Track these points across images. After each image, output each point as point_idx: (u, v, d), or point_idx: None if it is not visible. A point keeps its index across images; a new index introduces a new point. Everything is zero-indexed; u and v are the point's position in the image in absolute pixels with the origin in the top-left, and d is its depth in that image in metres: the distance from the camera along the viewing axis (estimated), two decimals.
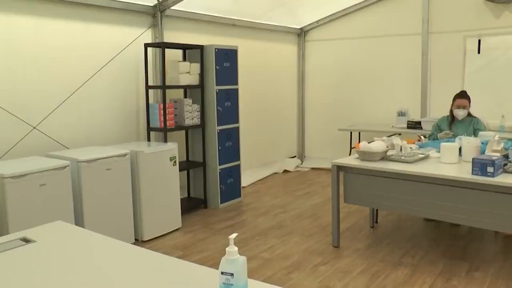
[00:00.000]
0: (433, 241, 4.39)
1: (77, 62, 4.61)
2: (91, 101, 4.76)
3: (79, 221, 3.91)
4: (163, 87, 4.99)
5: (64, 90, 4.52)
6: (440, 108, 5.01)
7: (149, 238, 4.48)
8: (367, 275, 3.64)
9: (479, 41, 6.34)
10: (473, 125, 4.75)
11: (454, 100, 4.83)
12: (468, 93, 4.86)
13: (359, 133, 6.82)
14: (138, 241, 4.42)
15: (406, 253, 4.08)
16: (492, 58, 6.30)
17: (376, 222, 4.91)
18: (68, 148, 4.50)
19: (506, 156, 3.76)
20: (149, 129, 5.16)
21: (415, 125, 6.32)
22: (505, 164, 3.58)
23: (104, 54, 4.85)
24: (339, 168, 4.10)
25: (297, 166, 7.93)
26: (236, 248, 1.38)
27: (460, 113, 4.75)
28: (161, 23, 5.34)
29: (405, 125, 6.45)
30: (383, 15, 7.06)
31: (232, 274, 1.36)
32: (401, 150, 4.23)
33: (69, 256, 1.86)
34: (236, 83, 5.72)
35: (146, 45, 5.10)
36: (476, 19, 6.32)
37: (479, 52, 6.36)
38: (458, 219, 3.61)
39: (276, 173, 7.50)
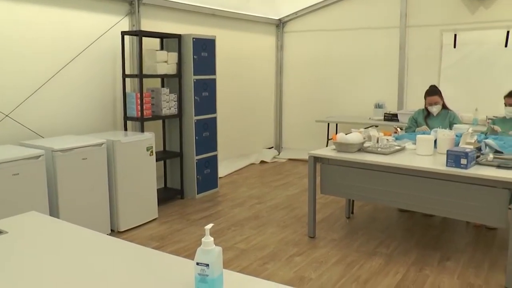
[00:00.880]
0: (407, 231, 4.46)
1: (52, 49, 4.52)
2: (66, 89, 4.68)
3: (53, 212, 3.85)
4: (140, 76, 4.93)
5: (39, 77, 4.42)
6: (416, 101, 5.08)
7: (125, 229, 4.45)
8: (342, 265, 3.68)
9: (455, 35, 6.43)
10: (449, 119, 4.83)
11: (425, 98, 4.90)
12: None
13: (336, 124, 6.87)
14: (114, 232, 4.38)
15: (380, 243, 4.15)
16: (467, 53, 6.40)
17: (352, 213, 4.97)
18: (42, 137, 4.41)
19: (479, 149, 3.84)
20: (126, 118, 5.10)
21: (391, 117, 6.40)
22: (478, 156, 3.65)
23: (80, 41, 4.76)
24: (316, 159, 4.12)
25: (274, 157, 7.95)
26: (212, 239, 1.38)
27: (433, 110, 4.83)
28: (138, 11, 5.26)
29: (382, 117, 6.52)
30: (362, 8, 7.10)
31: (207, 265, 1.35)
32: (377, 142, 4.28)
33: (42, 247, 1.83)
34: (214, 73, 5.69)
35: (123, 33, 5.03)
36: (452, 14, 6.40)
37: (455, 47, 6.46)
38: (432, 210, 3.67)
39: (253, 164, 7.51)
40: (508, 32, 6.06)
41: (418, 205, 3.70)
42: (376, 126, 6.14)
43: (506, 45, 6.11)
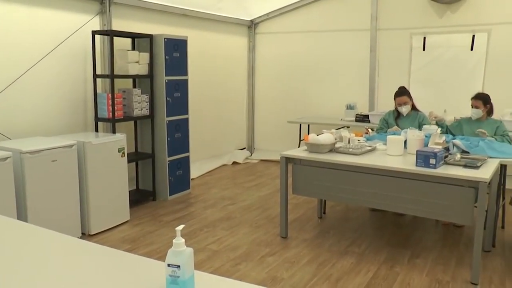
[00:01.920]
0: (379, 230, 4.53)
1: (19, 49, 4.42)
2: (35, 89, 4.58)
3: (21, 216, 3.76)
4: (112, 76, 4.87)
5: (5, 77, 4.32)
6: (387, 102, 5.16)
7: (96, 232, 4.38)
8: (314, 265, 3.71)
9: (424, 38, 6.56)
10: (418, 120, 4.92)
11: (394, 99, 4.99)
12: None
13: (308, 125, 6.93)
14: (85, 235, 4.31)
15: (352, 242, 4.20)
16: (436, 55, 6.54)
17: (324, 213, 5.01)
18: (10, 139, 4.31)
19: (447, 149, 3.94)
20: (97, 119, 5.03)
21: (363, 118, 6.48)
22: (446, 156, 3.74)
23: (48, 40, 4.67)
24: (288, 160, 4.15)
25: (247, 158, 7.97)
26: (183, 240, 1.37)
27: (403, 110, 4.92)
28: (109, 10, 5.20)
29: (354, 118, 6.60)
30: (333, 10, 7.18)
31: (178, 266, 1.34)
32: (349, 142, 4.34)
33: (9, 252, 1.79)
34: (186, 74, 5.66)
35: (94, 33, 4.95)
36: (421, 18, 6.54)
37: (424, 49, 6.59)
38: (402, 209, 3.74)
39: (225, 165, 7.50)
40: (473, 36, 6.23)
41: (389, 204, 3.76)
42: (348, 127, 6.21)
43: (472, 49, 6.27)
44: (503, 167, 4.21)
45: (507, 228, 4.49)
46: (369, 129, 4.99)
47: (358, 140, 4.38)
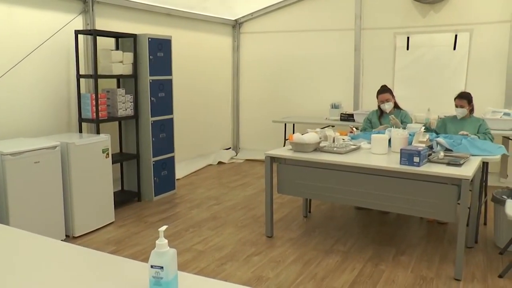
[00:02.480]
0: (364, 228, 4.56)
1: (0, 48, 4.36)
2: (17, 90, 4.52)
3: (3, 219, 3.71)
4: (95, 76, 4.83)
5: None
6: (372, 101, 5.20)
7: (80, 234, 4.34)
8: (300, 264, 3.72)
9: (408, 38, 6.62)
10: (401, 118, 4.96)
11: (377, 97, 5.03)
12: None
13: (293, 125, 6.94)
14: (69, 237, 4.26)
15: (337, 241, 4.22)
16: (420, 55, 6.60)
17: (309, 212, 5.03)
18: None
19: (430, 147, 3.98)
20: (81, 120, 4.98)
21: (348, 117, 6.51)
22: (430, 154, 3.78)
23: (30, 40, 4.61)
24: (273, 159, 4.15)
25: (232, 158, 7.96)
26: (166, 241, 1.37)
27: (386, 107, 4.95)
28: (92, 10, 5.15)
29: (338, 118, 6.63)
30: (318, 9, 7.20)
31: (161, 267, 1.34)
32: (333, 141, 4.36)
33: None
34: (170, 74, 5.64)
35: (77, 32, 4.90)
36: (405, 18, 6.59)
37: (407, 49, 6.65)
38: (387, 207, 3.76)
39: (210, 165, 7.49)
40: (456, 35, 6.30)
41: (373, 202, 3.78)
42: (333, 126, 6.23)
43: (454, 48, 6.34)
44: (485, 165, 4.27)
45: (489, 225, 4.55)
46: (354, 128, 5.02)
47: (343, 139, 4.40)
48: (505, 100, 6.12)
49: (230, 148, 8.20)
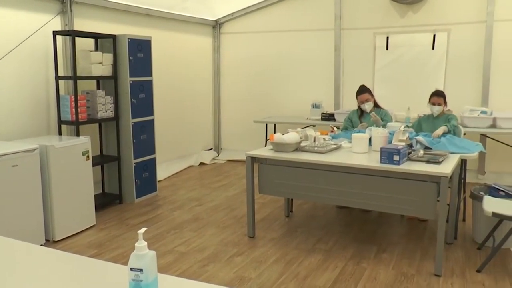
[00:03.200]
0: (345, 227, 4.59)
1: None
2: None
3: None
4: (74, 78, 4.77)
5: None
6: (352, 101, 5.24)
7: (61, 238, 4.28)
8: (282, 263, 3.73)
9: (387, 38, 6.68)
10: (381, 116, 5.01)
11: (356, 97, 5.07)
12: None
13: (275, 125, 6.96)
14: (49, 242, 4.20)
15: (319, 240, 4.24)
16: (399, 54, 6.67)
17: (291, 211, 5.05)
18: None
19: (410, 145, 4.02)
20: (60, 122, 4.92)
21: (328, 117, 6.55)
22: (410, 153, 3.82)
23: (7, 41, 4.54)
24: (254, 159, 4.15)
25: (214, 159, 7.95)
26: (145, 243, 1.36)
27: (366, 107, 5.00)
28: (70, 10, 5.09)
29: (319, 117, 6.66)
30: (298, 10, 7.23)
31: (141, 270, 1.33)
32: (314, 141, 4.38)
33: None
34: (150, 75, 5.60)
35: (55, 33, 4.84)
36: (384, 18, 6.66)
37: (387, 49, 6.71)
38: (368, 205, 3.79)
39: (192, 166, 7.47)
40: (434, 35, 6.39)
41: (354, 201, 3.81)
42: (314, 126, 6.27)
43: (433, 48, 6.43)
44: (463, 162, 4.33)
45: (468, 221, 4.62)
46: (335, 128, 5.05)
47: (324, 139, 4.43)
48: (481, 99, 6.22)
49: (211, 149, 8.19)
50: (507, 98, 6.11)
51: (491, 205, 3.64)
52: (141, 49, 5.42)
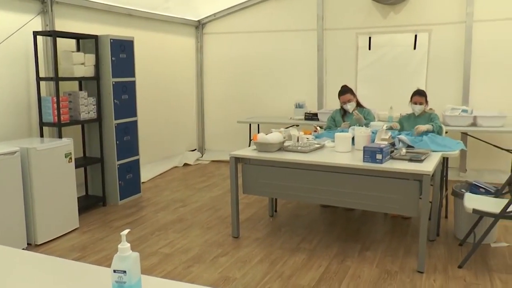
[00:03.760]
0: (329, 226, 4.61)
1: None
2: None
3: None
4: (56, 79, 4.72)
5: None
6: (336, 100, 5.27)
7: (43, 242, 4.22)
8: (266, 263, 3.74)
9: (370, 38, 6.74)
10: (364, 115, 5.04)
11: (339, 98, 5.11)
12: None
13: (258, 125, 6.97)
14: (31, 246, 4.15)
15: (303, 239, 4.26)
16: (381, 54, 6.74)
17: (275, 211, 5.06)
18: None
19: (392, 144, 4.07)
20: (42, 124, 4.86)
21: (312, 116, 6.58)
22: (392, 151, 3.86)
23: None
24: (238, 159, 4.16)
25: (198, 159, 7.93)
26: (128, 245, 1.36)
27: (348, 107, 5.03)
28: (51, 10, 5.04)
29: (303, 117, 6.69)
30: (280, 10, 7.25)
31: (124, 272, 1.33)
32: (298, 140, 4.39)
33: None
34: (133, 75, 5.57)
35: (35, 34, 4.77)
36: (366, 18, 6.72)
37: (369, 49, 6.77)
38: (352, 204, 3.82)
39: (176, 167, 7.44)
40: (416, 35, 6.47)
41: (338, 200, 3.83)
42: (297, 126, 6.29)
43: (414, 48, 6.50)
44: (445, 160, 4.40)
45: (450, 218, 4.68)
46: (318, 127, 5.07)
47: (307, 138, 4.44)
48: (462, 98, 6.31)
49: (195, 149, 8.17)
50: (487, 97, 6.21)
51: (472, 202, 3.70)
52: (123, 49, 5.39)
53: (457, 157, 4.82)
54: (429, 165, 3.54)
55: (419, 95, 4.75)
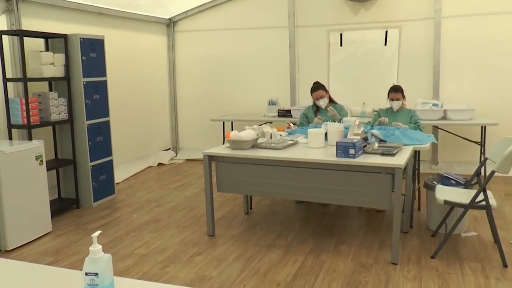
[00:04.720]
0: (305, 221, 4.65)
1: None
2: None
3: None
4: (24, 80, 4.62)
5: None
6: (308, 97, 5.31)
7: (14, 247, 4.12)
8: (242, 260, 3.75)
9: (341, 35, 6.80)
10: (337, 111, 5.09)
11: (311, 94, 5.15)
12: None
13: (232, 122, 6.97)
14: (1, 252, 4.04)
15: (279, 235, 4.28)
16: (353, 51, 6.80)
17: (250, 208, 5.07)
18: None
19: (365, 139, 4.11)
20: (10, 126, 4.75)
21: (285, 113, 6.61)
22: (365, 146, 3.91)
23: None
24: (211, 158, 4.14)
25: (172, 159, 7.88)
26: (100, 247, 1.34)
27: (321, 103, 5.08)
28: (17, 9, 4.92)
29: (276, 114, 6.71)
30: (252, 8, 7.25)
31: (96, 274, 1.31)
32: (271, 137, 4.41)
33: None
34: (105, 75, 5.49)
35: (1, 33, 4.65)
36: (337, 15, 6.78)
37: (341, 45, 6.83)
38: (326, 199, 3.86)
39: (150, 166, 7.38)
40: (386, 32, 6.55)
41: (312, 195, 3.86)
42: (271, 123, 6.31)
43: (385, 44, 6.59)
44: (417, 153, 4.48)
45: (423, 210, 4.76)
46: (291, 124, 5.10)
47: (280, 135, 4.47)
48: (433, 92, 6.43)
49: (169, 148, 8.11)
50: (456, 91, 6.35)
51: (443, 193, 3.78)
52: (94, 48, 5.31)
53: (428, 150, 4.91)
54: (401, 159, 3.60)
55: (395, 91, 4.82)
